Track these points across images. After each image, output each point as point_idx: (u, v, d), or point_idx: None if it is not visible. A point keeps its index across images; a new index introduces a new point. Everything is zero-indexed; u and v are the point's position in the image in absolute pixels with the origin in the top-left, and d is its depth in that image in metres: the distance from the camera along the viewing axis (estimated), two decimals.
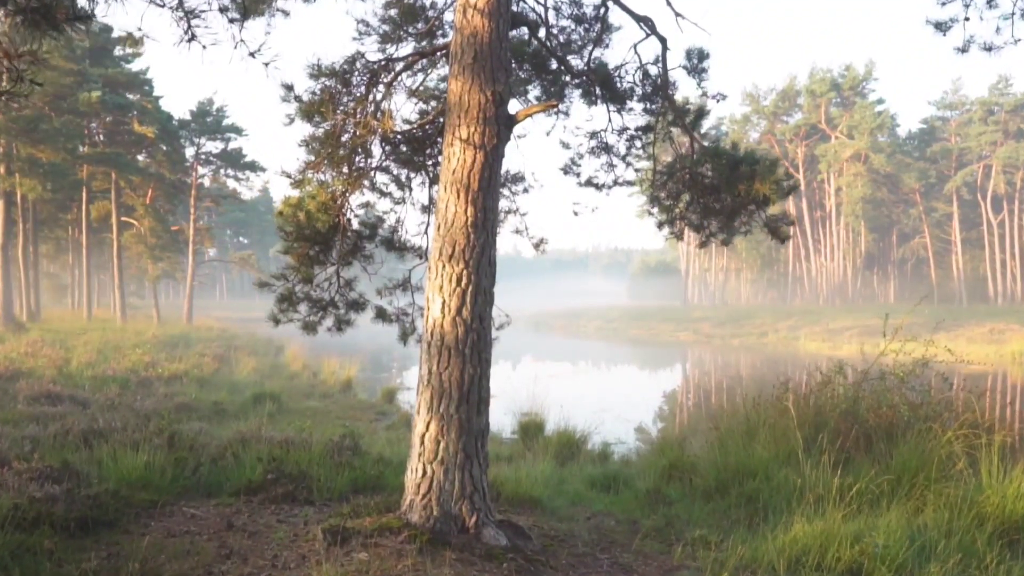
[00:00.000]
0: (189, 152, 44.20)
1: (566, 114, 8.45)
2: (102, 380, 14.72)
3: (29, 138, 29.82)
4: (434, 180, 6.97)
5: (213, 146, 44.94)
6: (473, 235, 5.12)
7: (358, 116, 6.04)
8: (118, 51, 36.73)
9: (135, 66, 38.89)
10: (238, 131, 44.61)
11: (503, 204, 7.60)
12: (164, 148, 38.48)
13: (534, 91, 8.70)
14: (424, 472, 5.10)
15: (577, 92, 8.35)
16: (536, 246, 7.58)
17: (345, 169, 6.42)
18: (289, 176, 6.24)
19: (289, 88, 6.05)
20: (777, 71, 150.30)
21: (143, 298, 60.70)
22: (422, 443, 5.13)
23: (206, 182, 54.27)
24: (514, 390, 13.86)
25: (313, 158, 6.19)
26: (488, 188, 5.20)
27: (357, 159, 6.57)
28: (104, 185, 38.62)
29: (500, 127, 5.26)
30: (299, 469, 6.79)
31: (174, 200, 42.47)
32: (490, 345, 5.24)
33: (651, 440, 13.65)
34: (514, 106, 5.89)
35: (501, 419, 13.88)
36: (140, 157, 40.38)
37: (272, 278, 6.63)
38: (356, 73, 6.12)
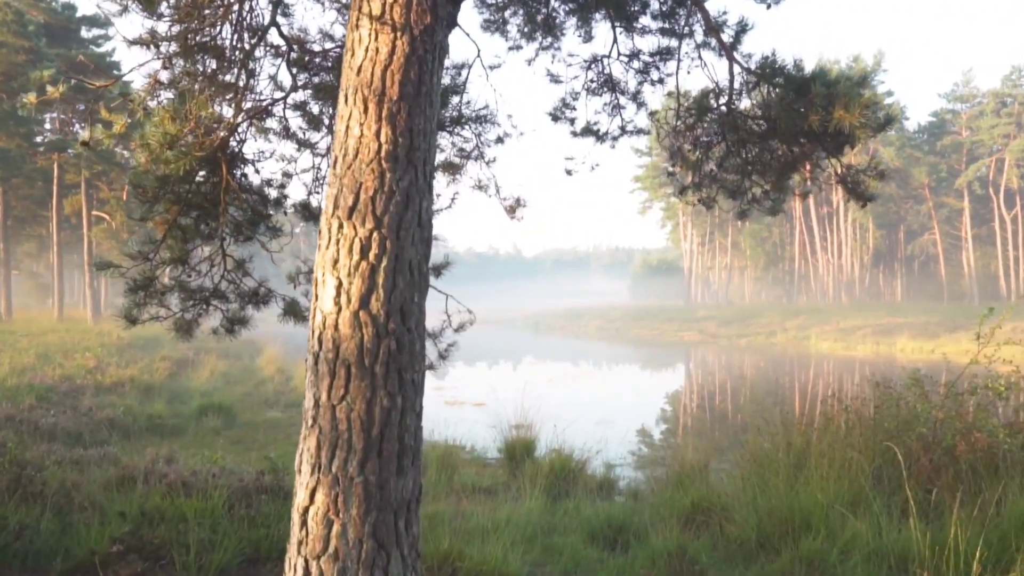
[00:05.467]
0: None
1: (557, 48, 6.38)
2: (21, 390, 12.62)
3: None
4: None
5: None
6: (390, 174, 3.03)
7: (233, 10, 3.96)
8: (84, 32, 34.55)
9: (103, 48, 36.69)
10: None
11: (455, 140, 5.46)
12: None
13: (514, 20, 6.66)
14: (307, 574, 3.02)
15: (572, 20, 6.32)
16: (511, 210, 5.46)
17: (229, 96, 4.33)
18: (128, 98, 4.15)
19: None
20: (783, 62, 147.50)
21: None
22: (304, 525, 3.05)
23: None
24: (505, 399, 12.03)
25: (162, 69, 4.11)
26: (417, 98, 3.11)
27: (252, 83, 4.48)
28: (77, 178, 36.42)
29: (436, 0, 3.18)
30: (171, 531, 4.72)
31: None
32: (421, 359, 3.15)
33: (663, 460, 11.64)
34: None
35: (485, 435, 11.88)
36: (117, 148, 38.13)
37: (127, 256, 4.51)
38: None
